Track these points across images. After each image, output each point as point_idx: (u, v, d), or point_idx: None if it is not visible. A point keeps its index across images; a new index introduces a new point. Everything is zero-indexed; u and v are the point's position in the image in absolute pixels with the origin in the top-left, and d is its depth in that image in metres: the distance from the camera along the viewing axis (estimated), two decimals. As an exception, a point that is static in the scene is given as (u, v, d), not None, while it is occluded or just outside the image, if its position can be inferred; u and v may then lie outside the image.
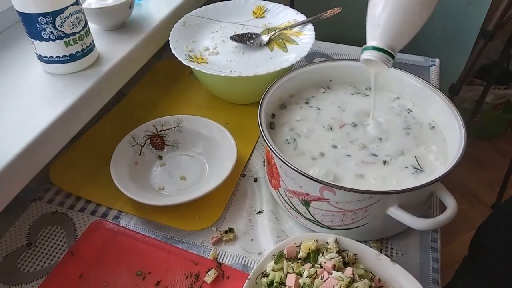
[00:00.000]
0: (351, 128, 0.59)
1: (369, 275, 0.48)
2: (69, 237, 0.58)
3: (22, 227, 0.59)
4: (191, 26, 0.79)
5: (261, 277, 0.48)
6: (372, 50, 0.51)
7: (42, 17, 0.57)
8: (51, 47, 0.60)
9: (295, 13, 0.81)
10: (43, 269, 0.54)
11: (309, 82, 0.66)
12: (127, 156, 0.64)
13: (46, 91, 0.62)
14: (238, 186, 0.64)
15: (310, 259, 0.49)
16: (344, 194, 0.49)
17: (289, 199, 0.56)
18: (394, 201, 0.50)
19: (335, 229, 0.54)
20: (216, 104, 0.78)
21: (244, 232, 0.58)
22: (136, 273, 0.53)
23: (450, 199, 0.49)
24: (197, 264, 0.53)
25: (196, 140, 0.68)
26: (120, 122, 0.74)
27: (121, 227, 0.58)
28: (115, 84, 0.70)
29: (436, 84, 0.82)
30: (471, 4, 1.19)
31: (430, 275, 0.53)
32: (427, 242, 0.56)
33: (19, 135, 0.54)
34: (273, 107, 0.63)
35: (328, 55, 0.90)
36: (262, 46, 0.75)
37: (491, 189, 1.64)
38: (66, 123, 0.59)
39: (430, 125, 0.60)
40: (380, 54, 0.51)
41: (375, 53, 0.51)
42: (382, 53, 0.51)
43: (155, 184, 0.63)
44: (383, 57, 0.51)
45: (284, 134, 0.59)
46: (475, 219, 1.54)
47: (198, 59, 0.72)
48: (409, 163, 0.54)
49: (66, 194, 0.63)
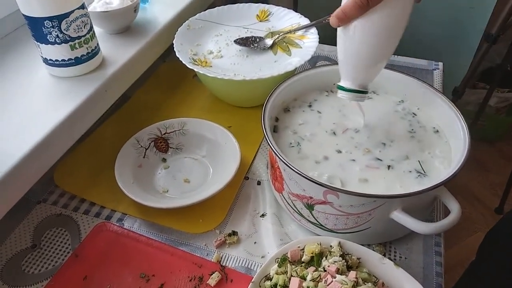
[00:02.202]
0: (354, 133, 0.59)
1: (373, 279, 0.48)
2: (73, 239, 0.58)
3: (26, 229, 0.59)
4: (195, 29, 0.80)
5: (264, 280, 0.49)
6: (343, 91, 0.54)
7: (48, 21, 0.57)
8: (56, 50, 0.61)
9: (298, 16, 0.81)
10: (47, 271, 0.54)
11: (312, 86, 0.66)
12: (131, 159, 0.64)
13: (51, 94, 0.62)
14: (242, 189, 0.64)
15: (313, 262, 0.49)
16: (348, 198, 0.49)
17: (293, 202, 0.56)
18: (398, 205, 0.50)
19: (339, 233, 0.54)
20: (219, 107, 0.78)
21: (248, 235, 0.58)
22: (140, 275, 0.53)
23: (454, 203, 0.49)
24: (201, 267, 0.54)
25: (200, 143, 0.68)
26: (124, 124, 0.74)
27: (125, 230, 0.58)
28: (120, 87, 0.70)
29: (440, 87, 0.82)
30: (474, 7, 1.19)
31: (434, 279, 0.53)
32: (431, 246, 0.56)
33: (24, 138, 0.54)
34: (277, 111, 0.63)
35: (332, 58, 0.90)
36: (266, 49, 0.76)
37: (494, 192, 1.63)
38: (71, 126, 0.60)
39: (434, 129, 0.60)
40: (351, 94, 0.54)
41: (347, 94, 0.54)
42: (353, 94, 0.54)
43: (159, 186, 0.63)
44: (355, 97, 0.54)
45: (287, 138, 0.59)
46: (478, 222, 1.54)
47: (202, 62, 0.73)
48: (413, 167, 0.54)
49: (70, 196, 0.64)
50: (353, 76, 0.53)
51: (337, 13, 0.48)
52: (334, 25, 0.49)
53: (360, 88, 0.53)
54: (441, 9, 1.14)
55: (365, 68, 0.52)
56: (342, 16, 0.48)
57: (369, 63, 0.52)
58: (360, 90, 0.53)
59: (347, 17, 0.47)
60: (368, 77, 0.54)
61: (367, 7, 0.46)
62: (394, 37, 0.50)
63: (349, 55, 0.52)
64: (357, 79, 0.53)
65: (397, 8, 0.47)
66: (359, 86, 0.53)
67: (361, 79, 0.53)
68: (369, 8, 0.46)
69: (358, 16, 0.47)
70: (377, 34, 0.49)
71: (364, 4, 0.46)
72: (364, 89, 0.54)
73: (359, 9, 0.46)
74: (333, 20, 0.49)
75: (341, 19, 0.48)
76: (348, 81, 0.53)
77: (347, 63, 0.53)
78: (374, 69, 0.53)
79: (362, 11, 0.46)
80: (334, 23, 0.49)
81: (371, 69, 0.53)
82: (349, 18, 0.48)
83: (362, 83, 0.53)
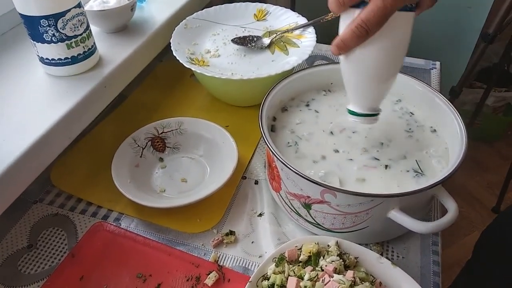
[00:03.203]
0: (352, 132, 0.59)
1: (370, 278, 0.48)
2: (70, 239, 0.58)
3: (23, 229, 0.59)
4: (192, 28, 0.79)
5: (262, 280, 0.49)
6: (354, 116, 0.52)
7: (44, 20, 0.57)
8: (53, 49, 0.60)
9: (296, 16, 0.81)
10: (44, 271, 0.54)
11: (310, 85, 0.66)
12: (128, 158, 0.64)
13: (47, 93, 0.62)
14: (239, 188, 0.64)
15: (311, 262, 0.49)
16: (345, 197, 0.49)
17: (290, 202, 0.56)
18: (395, 204, 0.50)
19: (336, 232, 0.54)
20: (217, 106, 0.78)
21: (245, 235, 0.58)
22: (137, 275, 0.53)
23: (451, 202, 0.49)
24: (198, 267, 0.53)
25: (197, 143, 0.68)
26: (121, 124, 0.74)
27: (122, 229, 0.58)
28: (117, 86, 0.70)
29: (437, 87, 0.82)
30: (472, 7, 1.19)
31: (431, 278, 0.53)
32: (428, 245, 0.56)
33: (20, 137, 0.54)
34: (274, 110, 0.63)
35: (329, 57, 0.90)
36: (263, 48, 0.76)
37: (491, 192, 1.64)
38: (67, 125, 0.60)
39: (432, 128, 0.60)
40: (362, 118, 0.52)
41: (359, 119, 0.52)
42: (364, 117, 0.52)
43: (156, 186, 0.63)
44: (366, 120, 0.52)
45: (285, 137, 0.59)
46: (475, 222, 1.54)
47: (200, 61, 0.73)
48: (410, 167, 0.54)
49: (67, 196, 0.63)
50: (361, 101, 0.51)
51: (337, 42, 0.45)
52: (335, 54, 0.47)
53: (370, 111, 0.51)
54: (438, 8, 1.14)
55: (372, 91, 0.50)
56: (341, 45, 0.45)
57: (375, 86, 0.50)
58: (371, 113, 0.52)
59: (347, 46, 0.45)
60: (377, 99, 0.52)
61: (366, 37, 0.43)
62: (398, 57, 0.47)
63: (354, 80, 0.50)
64: (365, 103, 0.51)
65: (398, 30, 0.44)
66: (369, 109, 0.51)
67: (369, 102, 0.51)
68: (369, 37, 0.44)
69: (358, 45, 0.45)
70: (380, 58, 0.46)
71: (363, 34, 0.43)
72: (375, 111, 0.52)
73: (358, 39, 0.44)
74: (333, 49, 0.46)
75: (340, 48, 0.46)
76: (357, 105, 0.52)
77: (353, 88, 0.51)
78: (381, 90, 0.51)
79: (362, 41, 0.44)
80: (334, 52, 0.46)
81: (377, 91, 0.51)
82: (349, 47, 0.45)
83: (371, 106, 0.52)
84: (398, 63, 0.48)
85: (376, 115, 0.52)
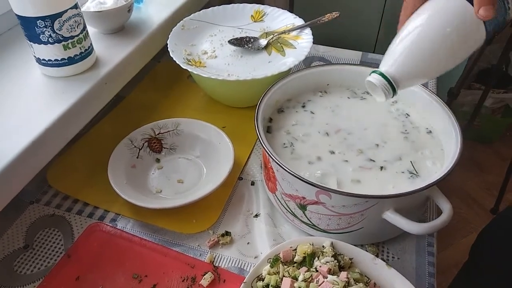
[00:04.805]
0: (347, 134, 0.59)
1: (365, 279, 0.48)
2: (66, 239, 0.58)
3: (19, 230, 0.59)
4: (189, 29, 0.80)
5: (256, 281, 0.49)
6: (376, 75, 0.49)
7: (41, 21, 0.57)
8: (49, 50, 0.61)
9: (293, 17, 0.81)
10: (40, 271, 0.54)
11: (306, 86, 0.66)
12: (125, 159, 0.64)
13: (44, 94, 0.62)
14: (235, 189, 0.64)
15: (305, 263, 0.49)
16: (340, 198, 0.49)
17: (286, 203, 0.56)
18: (390, 205, 0.50)
19: (331, 233, 0.54)
20: (214, 107, 0.78)
21: (241, 236, 0.58)
22: (133, 276, 0.53)
23: (446, 203, 0.49)
24: (194, 267, 0.54)
25: (193, 143, 0.68)
26: (118, 125, 0.74)
27: (118, 230, 0.58)
28: (113, 87, 0.70)
29: (434, 88, 0.82)
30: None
31: (426, 279, 0.53)
32: (423, 246, 0.56)
33: (17, 138, 0.54)
34: (271, 111, 0.63)
35: (326, 59, 0.90)
36: (260, 50, 0.76)
37: (490, 193, 1.64)
38: (64, 125, 0.60)
39: (427, 129, 0.60)
40: (382, 81, 0.48)
41: (377, 77, 0.48)
42: (384, 80, 0.48)
43: (152, 187, 0.63)
44: (383, 84, 0.48)
45: (281, 138, 0.59)
46: (473, 223, 1.54)
47: (196, 62, 0.73)
48: (406, 168, 0.54)
49: (63, 196, 0.63)
50: (401, 66, 0.48)
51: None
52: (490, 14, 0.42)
53: (394, 82, 0.48)
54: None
55: (427, 66, 0.48)
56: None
57: (436, 63, 0.48)
58: (392, 84, 0.48)
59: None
60: (410, 79, 0.49)
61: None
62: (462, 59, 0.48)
63: (420, 46, 0.47)
64: (399, 71, 0.48)
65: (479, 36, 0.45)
66: (394, 79, 0.48)
67: (406, 72, 0.48)
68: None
69: None
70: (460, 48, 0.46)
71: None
72: (396, 86, 0.49)
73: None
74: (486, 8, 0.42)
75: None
76: (389, 68, 0.48)
77: (410, 51, 0.47)
78: (432, 72, 0.49)
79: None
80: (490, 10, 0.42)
81: (429, 70, 0.49)
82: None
83: (401, 78, 0.48)
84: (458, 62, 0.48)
85: (394, 92, 0.49)
